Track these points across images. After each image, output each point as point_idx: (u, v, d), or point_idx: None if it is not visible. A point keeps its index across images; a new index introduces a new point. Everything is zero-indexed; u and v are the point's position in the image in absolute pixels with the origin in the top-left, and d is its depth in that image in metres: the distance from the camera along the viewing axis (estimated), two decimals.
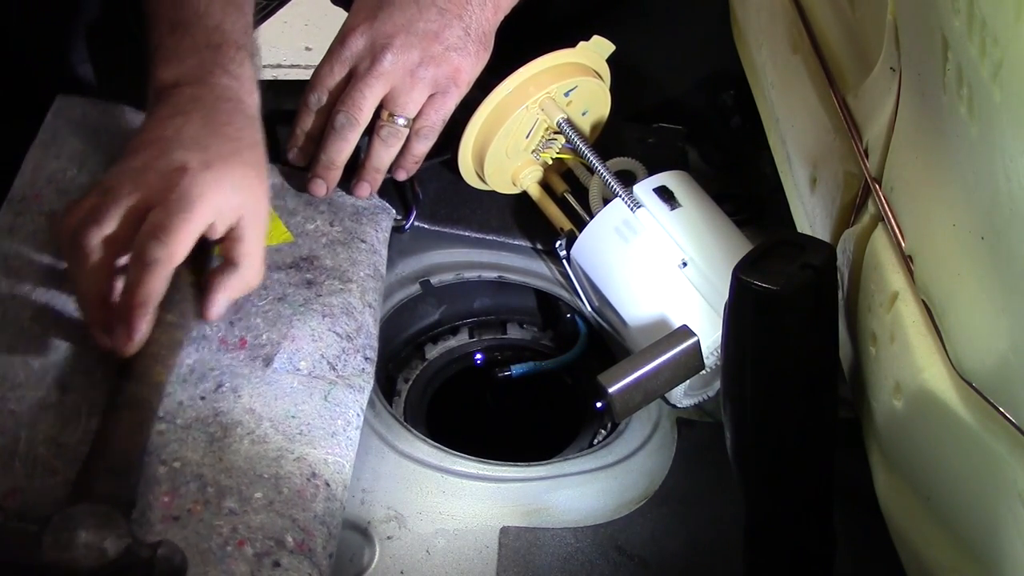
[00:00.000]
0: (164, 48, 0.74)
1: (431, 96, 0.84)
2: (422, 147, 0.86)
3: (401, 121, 0.83)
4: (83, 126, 0.80)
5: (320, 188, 0.84)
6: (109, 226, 0.65)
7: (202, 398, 0.68)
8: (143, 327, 0.63)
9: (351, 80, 0.82)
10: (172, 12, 0.76)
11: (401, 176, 0.88)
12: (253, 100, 0.75)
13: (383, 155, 0.85)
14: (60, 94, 0.84)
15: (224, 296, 0.70)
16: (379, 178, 0.87)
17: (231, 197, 0.68)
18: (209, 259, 0.72)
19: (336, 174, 0.84)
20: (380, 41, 0.81)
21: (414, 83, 0.82)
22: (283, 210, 0.84)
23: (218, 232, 0.68)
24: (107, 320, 0.64)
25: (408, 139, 0.85)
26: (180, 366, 0.69)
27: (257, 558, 0.61)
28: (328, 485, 0.67)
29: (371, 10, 0.82)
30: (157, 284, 0.63)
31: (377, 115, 0.83)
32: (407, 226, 0.92)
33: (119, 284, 0.65)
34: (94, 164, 0.79)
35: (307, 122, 0.84)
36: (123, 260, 0.66)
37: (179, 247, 0.64)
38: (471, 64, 0.84)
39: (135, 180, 0.66)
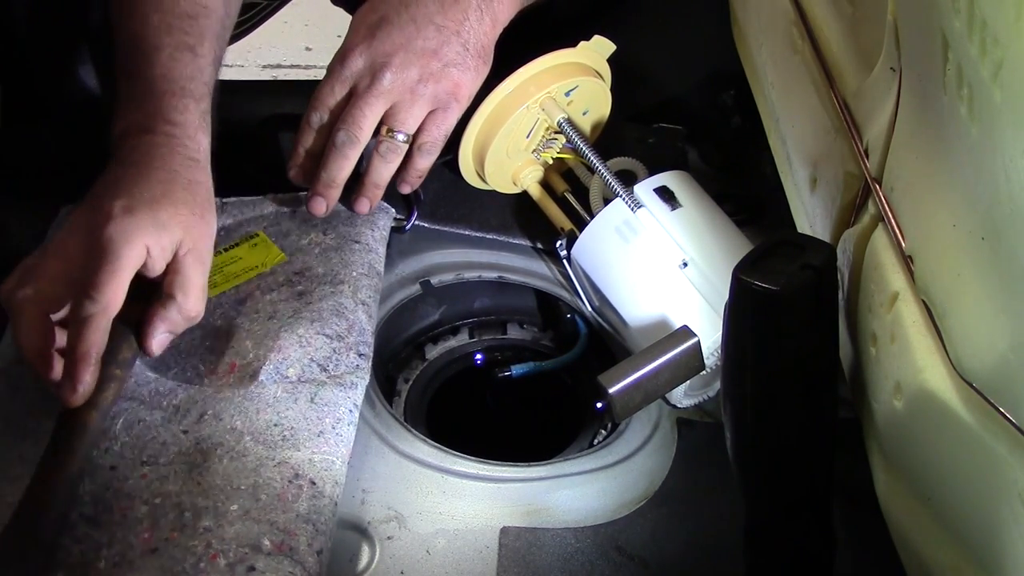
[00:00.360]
0: (118, 99, 0.76)
1: (432, 112, 0.84)
2: (425, 162, 0.87)
3: (400, 137, 0.84)
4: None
5: (320, 206, 0.85)
6: (42, 285, 0.67)
7: (184, 432, 0.69)
8: (87, 378, 0.65)
9: (351, 99, 0.83)
10: (126, 61, 0.77)
11: (405, 189, 0.89)
12: (196, 143, 0.75)
13: (382, 171, 0.86)
14: (66, 205, 0.85)
15: (162, 328, 0.70)
16: (379, 194, 0.87)
17: (160, 236, 0.69)
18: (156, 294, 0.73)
19: (336, 192, 0.85)
20: (379, 60, 0.82)
21: (414, 100, 0.83)
22: (278, 234, 0.85)
23: (155, 270, 0.70)
24: (51, 372, 0.66)
25: (411, 154, 0.86)
26: (167, 408, 0.70)
27: (230, 567, 0.61)
28: (314, 483, 0.67)
29: (369, 29, 0.83)
30: (95, 336, 0.65)
31: (377, 132, 0.84)
32: (408, 226, 0.92)
33: (62, 338, 0.67)
34: None
35: (308, 140, 0.85)
36: (61, 314, 0.68)
37: (111, 298, 0.66)
38: (471, 79, 0.84)
39: (66, 236, 0.69)
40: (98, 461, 0.66)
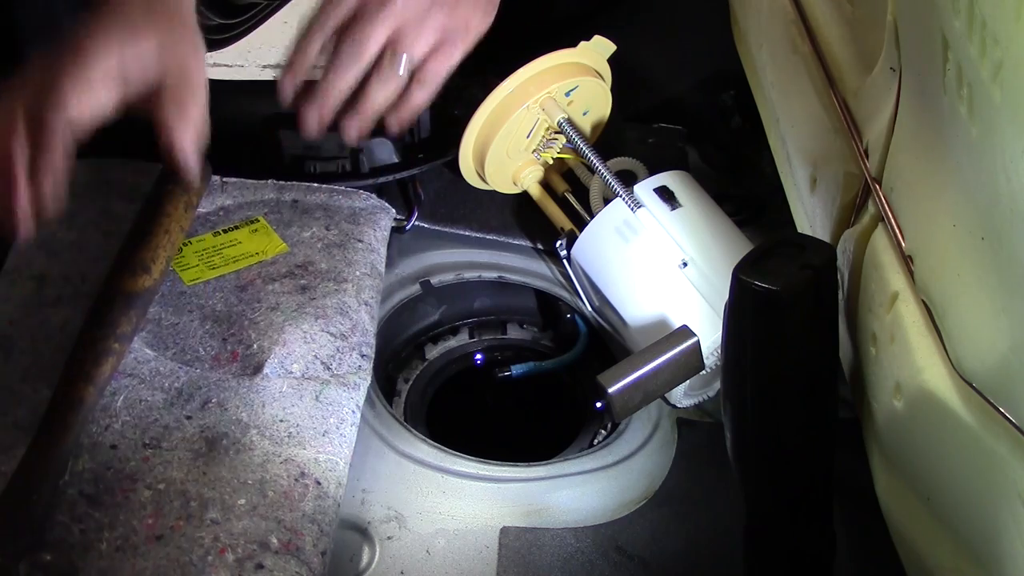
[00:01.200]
0: None
1: (437, 45, 0.82)
2: (421, 96, 0.83)
3: (403, 61, 0.81)
4: (72, 185, 0.80)
5: (312, 122, 0.81)
6: (18, 93, 0.65)
7: (188, 417, 0.68)
8: (48, 186, 0.63)
9: (360, 14, 0.80)
10: None
11: (395, 128, 0.84)
12: None
13: (378, 95, 0.82)
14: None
15: (181, 140, 0.68)
16: (369, 122, 0.83)
17: (136, 41, 0.66)
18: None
19: (330, 110, 0.81)
20: None
21: (422, 26, 0.80)
22: (279, 222, 0.84)
23: (133, 81, 0.67)
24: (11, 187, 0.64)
25: (410, 87, 0.83)
26: (168, 390, 0.70)
27: (238, 563, 0.61)
28: (319, 483, 0.67)
29: None
30: (56, 139, 0.63)
31: (380, 57, 0.81)
32: (408, 226, 0.92)
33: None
34: (83, 221, 0.79)
35: (311, 52, 0.82)
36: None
37: (75, 102, 0.63)
38: (479, 19, 0.83)
39: (36, 64, 0.66)
40: (98, 438, 0.66)
